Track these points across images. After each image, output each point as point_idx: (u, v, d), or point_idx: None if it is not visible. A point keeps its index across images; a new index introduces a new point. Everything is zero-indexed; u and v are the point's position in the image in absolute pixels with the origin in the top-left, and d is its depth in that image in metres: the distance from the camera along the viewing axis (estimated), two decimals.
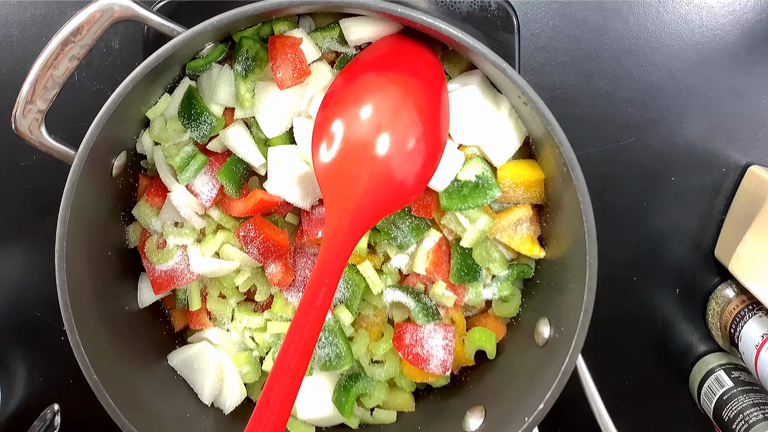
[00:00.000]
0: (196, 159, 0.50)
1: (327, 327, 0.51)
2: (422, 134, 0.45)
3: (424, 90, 0.46)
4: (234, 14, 0.42)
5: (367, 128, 0.44)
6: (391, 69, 0.46)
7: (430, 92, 0.46)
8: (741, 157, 0.58)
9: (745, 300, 0.58)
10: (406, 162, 0.45)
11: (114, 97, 0.42)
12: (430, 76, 0.47)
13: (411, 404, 0.56)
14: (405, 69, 0.46)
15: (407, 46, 0.48)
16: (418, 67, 0.47)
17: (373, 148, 0.44)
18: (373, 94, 0.45)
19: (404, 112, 0.45)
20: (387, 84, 0.45)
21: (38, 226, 0.61)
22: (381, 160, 0.44)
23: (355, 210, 0.44)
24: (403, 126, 0.45)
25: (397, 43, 0.48)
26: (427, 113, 0.46)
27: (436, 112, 0.46)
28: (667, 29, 0.56)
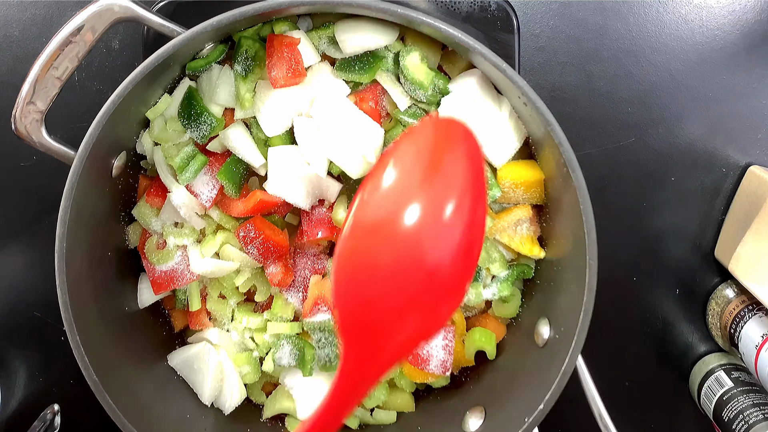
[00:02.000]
0: (196, 159, 0.50)
1: (327, 327, 0.51)
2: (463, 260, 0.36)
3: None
4: (234, 14, 0.42)
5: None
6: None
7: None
8: (741, 157, 0.58)
9: (745, 300, 0.58)
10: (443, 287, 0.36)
11: (114, 98, 0.42)
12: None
13: (411, 404, 0.56)
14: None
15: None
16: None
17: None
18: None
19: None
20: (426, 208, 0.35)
21: (38, 226, 0.61)
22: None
23: (386, 360, 0.35)
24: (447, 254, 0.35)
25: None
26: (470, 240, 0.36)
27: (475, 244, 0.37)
28: (667, 29, 0.56)
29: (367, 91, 0.50)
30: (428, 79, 0.48)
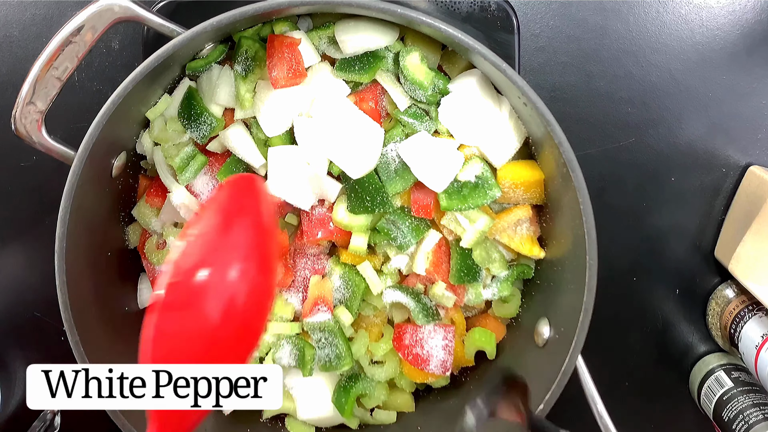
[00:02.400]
0: (195, 159, 0.50)
1: (327, 327, 0.51)
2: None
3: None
4: (234, 15, 0.42)
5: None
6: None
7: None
8: (741, 157, 0.58)
9: (745, 300, 0.58)
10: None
11: (114, 98, 0.42)
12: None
13: (411, 404, 0.56)
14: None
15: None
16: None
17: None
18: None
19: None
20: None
21: (38, 226, 0.61)
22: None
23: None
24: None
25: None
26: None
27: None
28: (667, 29, 0.56)
29: (367, 91, 0.50)
30: (428, 79, 0.48)
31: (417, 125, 0.49)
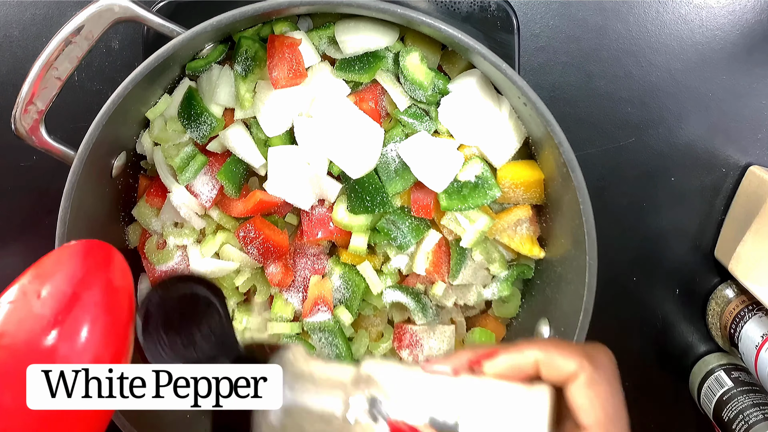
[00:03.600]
0: (195, 159, 0.50)
1: (327, 327, 0.51)
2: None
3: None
4: (234, 15, 0.42)
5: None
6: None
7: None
8: (741, 157, 0.58)
9: (745, 300, 0.58)
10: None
11: (114, 98, 0.42)
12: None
13: None
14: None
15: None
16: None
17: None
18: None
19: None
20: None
21: (38, 226, 0.61)
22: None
23: None
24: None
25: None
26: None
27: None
28: (666, 29, 0.56)
29: (367, 91, 0.50)
30: (428, 79, 0.48)
31: (417, 125, 0.49)
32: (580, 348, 0.32)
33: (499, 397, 0.32)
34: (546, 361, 0.31)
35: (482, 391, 0.32)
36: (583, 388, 0.30)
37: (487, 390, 0.32)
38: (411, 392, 0.33)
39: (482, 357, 0.33)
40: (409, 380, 0.33)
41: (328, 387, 0.33)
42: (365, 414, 0.32)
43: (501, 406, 0.32)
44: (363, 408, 0.32)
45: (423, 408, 0.32)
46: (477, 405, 0.32)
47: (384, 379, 0.33)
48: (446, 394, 0.32)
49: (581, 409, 0.30)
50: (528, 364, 0.32)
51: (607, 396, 0.31)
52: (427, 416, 0.32)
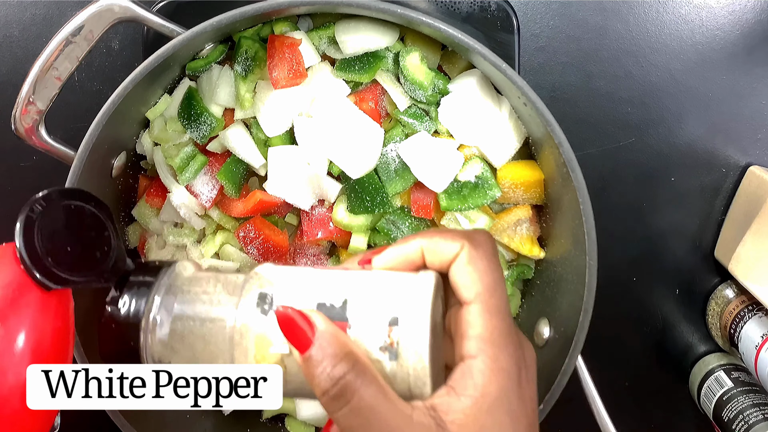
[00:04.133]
0: (195, 159, 0.50)
1: None
2: None
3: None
4: (234, 15, 0.42)
5: None
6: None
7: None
8: (741, 157, 0.58)
9: (745, 300, 0.58)
10: None
11: (114, 98, 0.42)
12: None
13: None
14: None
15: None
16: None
17: None
18: None
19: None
20: None
21: None
22: None
23: None
24: None
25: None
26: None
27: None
28: (666, 29, 0.56)
29: (367, 91, 0.50)
30: (428, 79, 0.48)
31: (417, 125, 0.49)
32: (460, 232, 0.33)
33: (386, 282, 0.32)
34: (430, 247, 0.32)
35: (370, 278, 0.33)
36: (463, 265, 0.31)
37: (374, 277, 0.33)
38: (300, 284, 0.32)
39: (371, 254, 0.34)
40: (299, 274, 0.33)
41: (221, 288, 0.33)
42: (255, 309, 0.32)
43: (387, 289, 0.32)
44: (252, 304, 0.32)
45: (311, 296, 0.32)
46: (364, 288, 0.32)
47: (275, 276, 0.33)
48: (334, 283, 0.32)
49: (462, 286, 0.31)
50: (414, 252, 0.33)
51: (485, 270, 0.31)
52: (314, 302, 0.31)
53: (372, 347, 0.30)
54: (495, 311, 0.30)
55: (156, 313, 0.32)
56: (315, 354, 0.29)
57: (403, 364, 0.30)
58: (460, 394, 0.29)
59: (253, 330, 0.32)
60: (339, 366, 0.29)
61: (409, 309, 0.31)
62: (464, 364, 0.30)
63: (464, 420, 0.29)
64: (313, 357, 0.29)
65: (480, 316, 0.30)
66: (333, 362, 0.29)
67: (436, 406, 0.29)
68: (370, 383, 0.29)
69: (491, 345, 0.30)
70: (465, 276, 0.31)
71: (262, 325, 0.32)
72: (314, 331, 0.30)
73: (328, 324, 0.30)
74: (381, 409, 0.28)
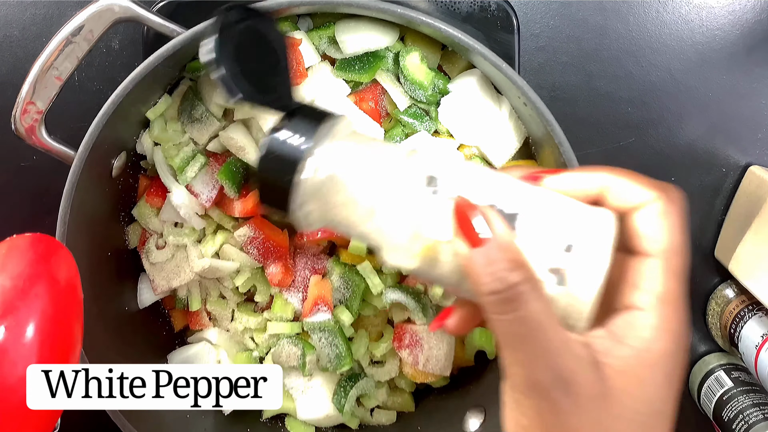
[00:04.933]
0: (196, 159, 0.50)
1: (327, 327, 0.51)
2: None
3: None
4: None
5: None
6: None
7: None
8: (741, 157, 0.58)
9: (745, 300, 0.58)
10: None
11: (114, 98, 0.42)
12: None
13: (411, 404, 0.56)
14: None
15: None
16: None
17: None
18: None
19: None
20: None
21: (38, 226, 0.60)
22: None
23: None
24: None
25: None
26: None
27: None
28: (667, 29, 0.56)
29: (367, 91, 0.50)
30: (428, 79, 0.48)
31: (417, 125, 0.49)
32: (652, 180, 0.31)
33: (564, 206, 0.30)
34: (615, 187, 0.31)
35: (545, 196, 0.30)
36: (655, 216, 0.30)
37: (550, 196, 0.30)
38: (471, 179, 0.30)
39: (542, 171, 0.32)
40: (470, 169, 0.31)
41: (385, 154, 0.31)
42: (423, 187, 0.29)
43: (565, 213, 0.30)
44: (421, 181, 0.29)
45: (482, 194, 0.29)
46: (538, 205, 0.30)
47: (444, 163, 0.31)
48: (506, 189, 0.30)
49: (647, 237, 0.30)
50: (594, 186, 0.31)
51: (676, 227, 0.30)
52: (486, 202, 0.29)
53: (539, 266, 0.29)
54: (677, 272, 0.29)
55: (318, 157, 0.30)
56: (490, 254, 0.28)
57: (568, 293, 0.29)
58: (621, 342, 0.29)
59: (416, 207, 0.30)
60: (516, 272, 0.28)
61: (589, 241, 0.29)
62: (630, 314, 0.29)
63: (623, 367, 0.28)
64: (486, 256, 0.28)
65: (661, 273, 0.29)
66: (509, 266, 0.28)
67: (591, 344, 0.29)
68: (540, 298, 0.28)
69: (666, 304, 0.29)
70: (654, 228, 0.30)
71: (427, 205, 0.30)
72: (491, 227, 0.28)
73: (506, 227, 0.29)
74: (545, 327, 0.28)
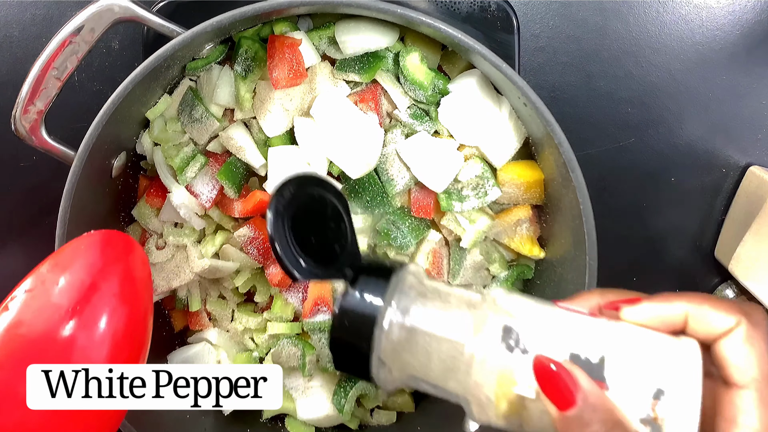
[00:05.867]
0: (196, 159, 0.50)
1: (327, 327, 0.51)
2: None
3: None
4: (234, 15, 0.42)
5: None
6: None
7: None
8: (741, 157, 0.58)
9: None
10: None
11: (114, 98, 0.42)
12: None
13: (411, 404, 0.56)
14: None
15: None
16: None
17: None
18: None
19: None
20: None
21: (38, 226, 0.61)
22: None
23: None
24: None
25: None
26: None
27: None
28: (667, 29, 0.56)
29: (367, 91, 0.50)
30: (428, 79, 0.48)
31: (417, 125, 0.49)
32: (734, 304, 0.31)
33: (648, 344, 0.29)
34: (697, 314, 0.30)
35: (628, 335, 0.29)
36: (740, 343, 0.29)
37: (633, 335, 0.29)
38: (549, 326, 0.29)
39: (621, 302, 0.31)
40: (544, 313, 0.30)
41: (457, 306, 0.30)
42: (499, 343, 0.29)
43: (650, 353, 0.28)
44: (497, 335, 0.29)
45: (563, 343, 0.28)
46: (622, 347, 0.28)
47: (516, 308, 0.30)
48: (586, 332, 0.29)
49: (735, 366, 0.29)
50: (676, 315, 0.30)
51: (764, 353, 0.29)
52: (567, 351, 0.28)
53: (633, 417, 0.28)
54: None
55: (391, 316, 0.30)
56: (582, 415, 0.27)
57: None
58: None
59: (494, 364, 0.29)
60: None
61: (678, 383, 0.28)
62: None
63: None
64: (579, 418, 0.27)
65: (756, 407, 0.28)
66: (605, 428, 0.27)
67: None
68: None
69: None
70: (740, 356, 0.29)
71: (506, 361, 0.29)
72: (577, 389, 0.27)
73: (593, 384, 0.28)
74: None
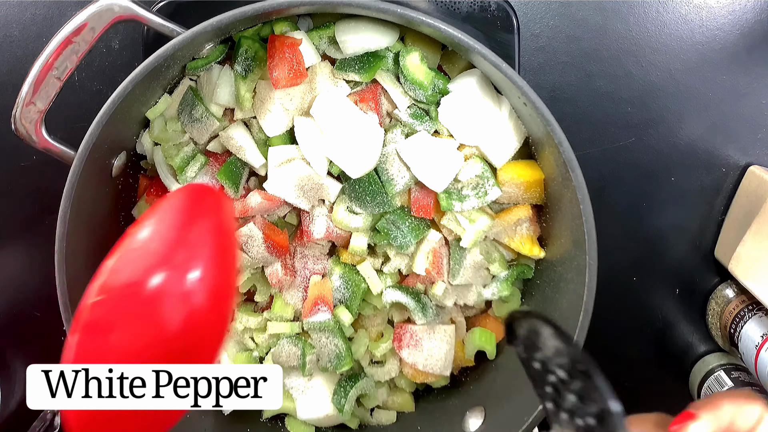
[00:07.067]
0: (196, 159, 0.50)
1: (327, 327, 0.51)
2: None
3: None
4: (234, 15, 0.42)
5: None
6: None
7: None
8: (741, 157, 0.58)
9: (745, 300, 0.58)
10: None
11: (114, 98, 0.42)
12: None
13: (411, 404, 0.56)
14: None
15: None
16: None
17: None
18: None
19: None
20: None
21: (38, 226, 0.61)
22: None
23: None
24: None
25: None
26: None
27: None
28: (667, 29, 0.56)
29: (367, 91, 0.50)
30: (428, 79, 0.48)
31: (417, 125, 0.49)
32: (754, 394, 0.36)
33: None
34: (738, 411, 0.36)
35: None
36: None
37: None
38: None
39: (683, 419, 0.38)
40: None
41: None
42: None
43: None
44: None
45: None
46: None
47: None
48: None
49: None
50: (727, 415, 0.36)
51: None
52: None
53: None
54: None
55: None
56: None
57: None
58: None
59: None
60: None
61: None
62: None
63: None
64: None
65: None
66: None
67: None
68: None
69: None
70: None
71: None
72: None
73: None
74: None
